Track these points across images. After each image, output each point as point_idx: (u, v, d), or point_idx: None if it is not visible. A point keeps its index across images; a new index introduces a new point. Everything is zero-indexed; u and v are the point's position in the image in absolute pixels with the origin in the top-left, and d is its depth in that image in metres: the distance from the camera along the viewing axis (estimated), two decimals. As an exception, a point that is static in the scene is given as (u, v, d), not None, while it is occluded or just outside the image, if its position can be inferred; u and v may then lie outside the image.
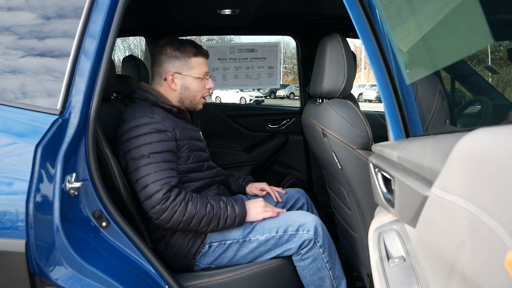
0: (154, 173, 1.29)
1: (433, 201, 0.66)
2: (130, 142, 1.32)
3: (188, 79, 1.48)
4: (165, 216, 1.29)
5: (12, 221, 0.97)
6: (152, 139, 1.32)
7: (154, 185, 1.28)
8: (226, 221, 1.37)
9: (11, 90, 1.11)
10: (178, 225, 1.31)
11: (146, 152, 1.30)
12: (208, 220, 1.34)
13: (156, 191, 1.28)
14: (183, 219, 1.31)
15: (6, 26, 1.14)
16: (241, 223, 1.41)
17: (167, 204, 1.28)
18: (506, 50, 1.67)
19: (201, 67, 1.50)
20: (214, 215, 1.35)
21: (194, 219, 1.32)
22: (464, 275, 0.56)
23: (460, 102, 1.78)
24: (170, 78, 1.47)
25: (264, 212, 1.43)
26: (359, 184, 1.35)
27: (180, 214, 1.30)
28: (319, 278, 1.42)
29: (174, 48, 1.47)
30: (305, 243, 1.40)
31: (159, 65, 1.48)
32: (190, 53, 1.47)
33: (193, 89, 1.50)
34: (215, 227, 1.36)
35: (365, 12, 1.06)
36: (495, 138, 0.51)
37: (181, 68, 1.47)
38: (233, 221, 1.38)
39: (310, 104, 1.72)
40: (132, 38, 18.49)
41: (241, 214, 1.39)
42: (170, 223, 1.30)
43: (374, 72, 1.03)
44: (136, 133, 1.32)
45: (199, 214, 1.32)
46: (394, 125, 0.99)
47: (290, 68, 30.20)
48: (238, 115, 2.92)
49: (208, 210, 1.34)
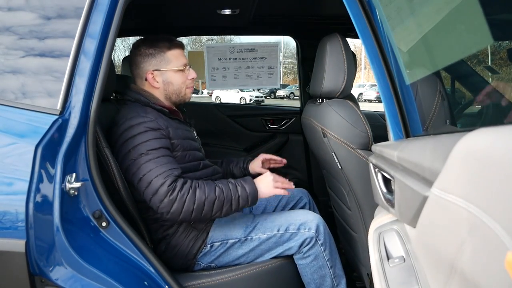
0: (156, 168, 1.28)
1: (433, 201, 0.66)
2: (127, 143, 1.31)
3: (168, 73, 1.47)
4: (175, 207, 1.26)
5: (12, 221, 0.97)
6: (148, 137, 1.31)
7: (157, 179, 1.27)
8: (239, 201, 1.34)
9: (11, 90, 1.11)
10: (191, 214, 1.28)
11: (144, 150, 1.29)
12: (220, 204, 1.31)
13: (161, 184, 1.26)
14: (194, 207, 1.28)
15: (6, 26, 1.14)
16: (254, 202, 1.37)
17: (174, 195, 1.26)
18: (506, 50, 1.67)
19: (179, 59, 1.48)
20: (225, 197, 1.32)
21: (205, 205, 1.29)
22: (464, 275, 0.55)
23: (460, 102, 1.78)
24: (151, 77, 1.46)
25: (275, 188, 1.39)
26: (359, 184, 1.35)
27: (190, 202, 1.27)
28: (319, 277, 1.42)
29: (147, 46, 1.45)
30: (307, 241, 1.40)
31: (137, 67, 1.48)
32: (164, 48, 1.46)
33: (176, 82, 1.48)
34: (228, 209, 1.33)
35: (365, 12, 1.06)
36: (495, 138, 0.51)
37: (158, 64, 1.46)
38: (246, 201, 1.35)
39: (310, 104, 1.72)
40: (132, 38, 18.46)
41: (253, 192, 1.36)
42: (182, 214, 1.27)
43: (374, 72, 1.03)
44: (131, 133, 1.31)
45: (209, 199, 1.30)
46: (394, 125, 0.99)
47: (290, 68, 30.19)
48: (238, 115, 2.92)
49: (217, 194, 1.31)
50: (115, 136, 1.36)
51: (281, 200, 1.75)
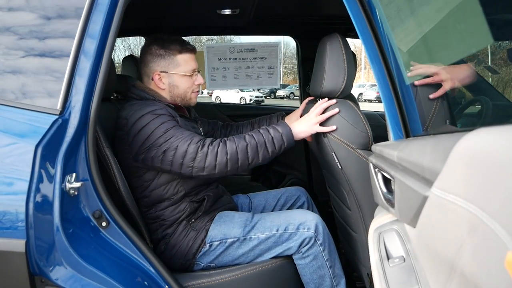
0: (178, 136, 1.28)
1: (433, 201, 0.66)
2: (142, 133, 1.30)
3: (175, 77, 1.47)
4: (209, 161, 1.26)
5: (12, 221, 0.97)
6: (161, 120, 1.31)
7: (183, 142, 1.27)
8: (274, 143, 1.33)
9: (11, 90, 1.11)
10: (226, 165, 1.28)
11: (162, 131, 1.29)
12: (253, 149, 1.30)
13: (188, 144, 1.27)
14: (228, 158, 1.28)
15: (7, 27, 1.14)
16: (290, 141, 1.35)
17: (205, 149, 1.27)
18: (506, 50, 1.67)
19: (188, 64, 1.48)
20: (257, 142, 1.31)
21: (239, 153, 1.29)
22: (464, 275, 0.55)
23: (460, 102, 1.77)
24: (157, 78, 1.46)
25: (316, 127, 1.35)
26: (359, 184, 1.35)
27: (222, 153, 1.27)
28: (319, 277, 1.42)
29: (159, 47, 1.45)
30: (306, 241, 1.40)
31: (145, 65, 1.47)
32: (176, 51, 1.45)
33: (182, 86, 1.48)
34: (265, 153, 1.32)
35: (365, 12, 1.06)
36: (495, 138, 0.51)
37: (167, 66, 1.45)
38: (280, 141, 1.33)
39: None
40: (132, 38, 18.49)
41: (286, 131, 1.34)
42: (217, 167, 1.27)
43: (374, 72, 1.03)
44: (144, 121, 1.31)
45: (240, 146, 1.29)
46: (394, 125, 0.99)
47: (290, 68, 30.19)
48: (238, 115, 2.92)
49: (248, 140, 1.31)
50: (124, 129, 1.34)
51: (279, 199, 1.75)
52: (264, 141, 1.32)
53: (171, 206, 1.42)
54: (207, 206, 1.46)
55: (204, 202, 1.45)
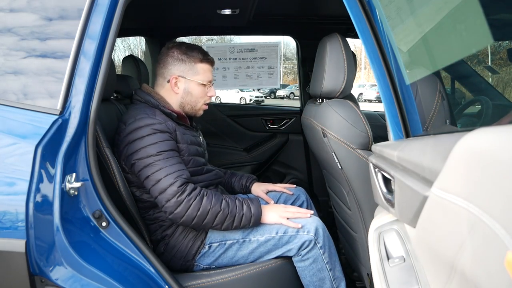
0: (165, 168, 1.29)
1: (433, 201, 0.66)
2: (135, 144, 1.32)
3: (192, 84, 1.49)
4: (179, 210, 1.28)
5: (12, 221, 0.97)
6: (157, 138, 1.32)
7: (167, 179, 1.28)
8: (242, 219, 1.35)
9: (11, 91, 1.11)
10: (192, 220, 1.30)
11: (154, 151, 1.30)
12: (223, 217, 1.33)
13: (170, 184, 1.28)
14: (198, 214, 1.29)
15: (8, 27, 1.14)
16: (256, 223, 1.39)
17: (182, 197, 1.28)
18: (506, 50, 1.67)
19: (206, 74, 1.50)
20: (229, 212, 1.33)
21: (208, 215, 1.31)
22: (464, 275, 0.56)
23: (460, 102, 1.78)
24: (174, 81, 1.47)
25: (282, 218, 1.41)
26: (359, 184, 1.35)
27: (195, 208, 1.29)
28: (319, 279, 1.42)
29: (181, 52, 1.47)
30: (305, 244, 1.39)
31: (164, 67, 1.48)
32: (197, 59, 1.48)
33: (195, 94, 1.50)
34: (229, 225, 1.35)
35: (365, 12, 1.06)
36: (495, 138, 0.51)
37: (186, 72, 1.47)
38: (248, 221, 1.36)
39: (310, 104, 1.72)
40: (132, 38, 18.50)
41: (257, 214, 1.38)
42: (184, 218, 1.29)
43: (374, 72, 1.03)
44: (140, 134, 1.32)
45: (213, 210, 1.31)
46: (394, 125, 0.99)
47: (290, 68, 30.18)
48: (238, 115, 2.92)
49: (223, 207, 1.33)
50: (121, 134, 1.36)
51: (279, 198, 1.75)
52: (235, 214, 1.35)
53: None
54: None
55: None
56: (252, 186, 1.77)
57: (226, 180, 1.80)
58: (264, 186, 1.76)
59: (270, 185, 1.77)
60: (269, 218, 1.41)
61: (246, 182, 1.78)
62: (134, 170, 1.33)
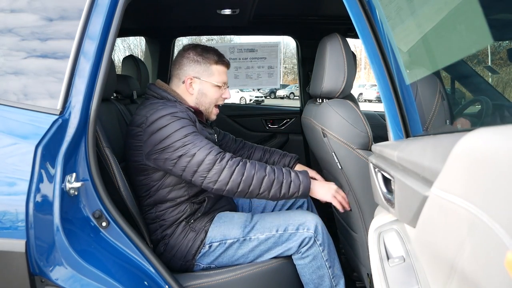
0: (197, 143, 1.28)
1: (433, 201, 0.66)
2: (160, 132, 1.30)
3: (206, 85, 1.49)
4: (223, 176, 1.25)
5: (12, 221, 0.97)
6: (182, 124, 1.31)
7: (202, 151, 1.26)
8: (290, 186, 1.31)
9: (12, 91, 1.11)
10: (238, 186, 1.26)
11: (181, 135, 1.29)
12: (269, 182, 1.29)
13: (207, 153, 1.26)
14: (243, 179, 1.26)
15: (9, 28, 1.14)
16: (305, 194, 1.34)
17: (223, 163, 1.26)
18: (506, 50, 1.67)
19: (221, 76, 1.51)
20: (275, 177, 1.29)
21: (254, 180, 1.27)
22: (464, 275, 0.56)
23: (460, 102, 1.78)
24: (189, 82, 1.47)
25: (333, 197, 1.36)
26: (359, 184, 1.35)
27: (239, 173, 1.26)
28: (318, 277, 1.42)
29: (196, 53, 1.48)
30: (305, 241, 1.40)
31: (179, 68, 1.49)
32: (212, 60, 1.48)
33: (210, 96, 1.50)
34: (277, 192, 1.30)
35: (365, 12, 1.06)
36: (494, 138, 0.51)
37: (201, 73, 1.48)
38: (297, 188, 1.32)
39: (310, 104, 1.72)
40: (132, 38, 18.49)
41: (306, 183, 1.33)
42: (229, 184, 1.26)
43: (374, 72, 1.03)
44: (164, 122, 1.31)
45: (259, 174, 1.28)
46: (394, 125, 0.99)
47: (290, 68, 30.18)
48: (238, 115, 2.92)
49: (268, 172, 1.30)
50: (142, 126, 1.34)
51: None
52: (282, 180, 1.30)
53: (171, 207, 1.43)
54: (207, 207, 1.46)
55: (204, 203, 1.45)
56: (295, 167, 1.73)
57: (268, 159, 1.76)
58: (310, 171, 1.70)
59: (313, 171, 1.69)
60: (320, 192, 1.38)
61: (289, 163, 1.73)
62: (161, 157, 1.31)
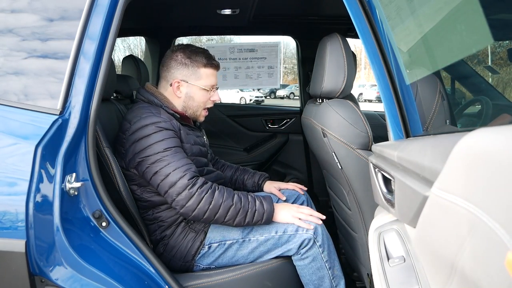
0: (174, 162, 1.28)
1: (433, 201, 0.66)
2: (141, 142, 1.31)
3: (194, 88, 1.47)
4: (191, 203, 1.26)
5: (12, 221, 0.97)
6: (164, 136, 1.31)
7: (176, 172, 1.27)
8: (254, 215, 1.34)
9: (12, 91, 1.11)
10: (204, 214, 1.28)
11: (161, 148, 1.29)
12: (235, 212, 1.31)
13: (180, 177, 1.26)
14: (209, 207, 1.27)
15: (9, 28, 1.14)
16: (268, 221, 1.37)
17: (193, 190, 1.26)
18: (506, 50, 1.67)
19: (209, 79, 1.49)
20: (241, 207, 1.32)
21: (220, 209, 1.29)
22: (464, 275, 0.56)
23: (460, 102, 1.78)
24: (176, 85, 1.46)
25: (294, 218, 1.39)
26: (359, 184, 1.35)
27: (207, 201, 1.27)
28: (318, 278, 1.42)
29: (185, 56, 1.46)
30: (305, 243, 1.40)
31: (167, 70, 1.48)
32: (200, 63, 1.46)
33: (197, 99, 1.49)
34: (241, 220, 1.33)
35: (365, 12, 1.06)
36: (495, 138, 0.51)
37: (189, 76, 1.46)
38: (261, 217, 1.35)
39: (310, 104, 1.72)
40: (132, 38, 18.48)
41: (269, 210, 1.36)
42: (195, 211, 1.27)
43: (374, 72, 1.03)
44: (146, 132, 1.31)
45: (225, 204, 1.29)
46: (394, 125, 1.00)
47: (290, 68, 30.17)
48: (238, 115, 2.92)
49: (235, 201, 1.31)
50: (126, 133, 1.35)
51: (279, 199, 1.75)
52: (247, 209, 1.33)
53: (168, 209, 1.42)
54: (206, 207, 1.45)
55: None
56: (265, 184, 1.76)
57: (238, 176, 1.79)
58: (276, 184, 1.75)
59: (283, 183, 1.76)
60: (281, 216, 1.40)
61: (259, 180, 1.77)
62: (141, 167, 1.32)
